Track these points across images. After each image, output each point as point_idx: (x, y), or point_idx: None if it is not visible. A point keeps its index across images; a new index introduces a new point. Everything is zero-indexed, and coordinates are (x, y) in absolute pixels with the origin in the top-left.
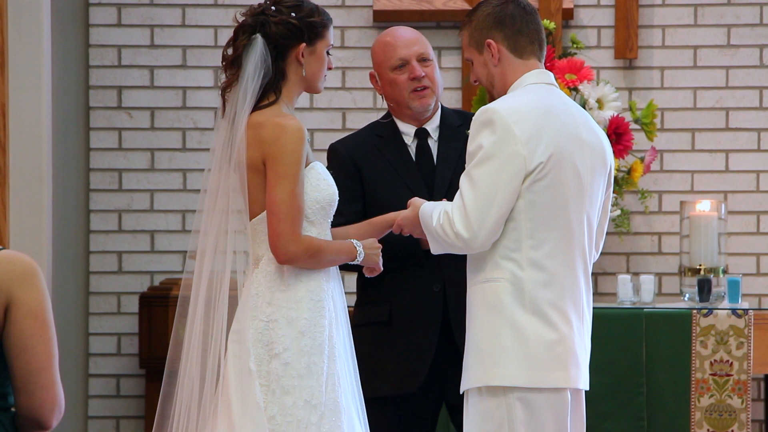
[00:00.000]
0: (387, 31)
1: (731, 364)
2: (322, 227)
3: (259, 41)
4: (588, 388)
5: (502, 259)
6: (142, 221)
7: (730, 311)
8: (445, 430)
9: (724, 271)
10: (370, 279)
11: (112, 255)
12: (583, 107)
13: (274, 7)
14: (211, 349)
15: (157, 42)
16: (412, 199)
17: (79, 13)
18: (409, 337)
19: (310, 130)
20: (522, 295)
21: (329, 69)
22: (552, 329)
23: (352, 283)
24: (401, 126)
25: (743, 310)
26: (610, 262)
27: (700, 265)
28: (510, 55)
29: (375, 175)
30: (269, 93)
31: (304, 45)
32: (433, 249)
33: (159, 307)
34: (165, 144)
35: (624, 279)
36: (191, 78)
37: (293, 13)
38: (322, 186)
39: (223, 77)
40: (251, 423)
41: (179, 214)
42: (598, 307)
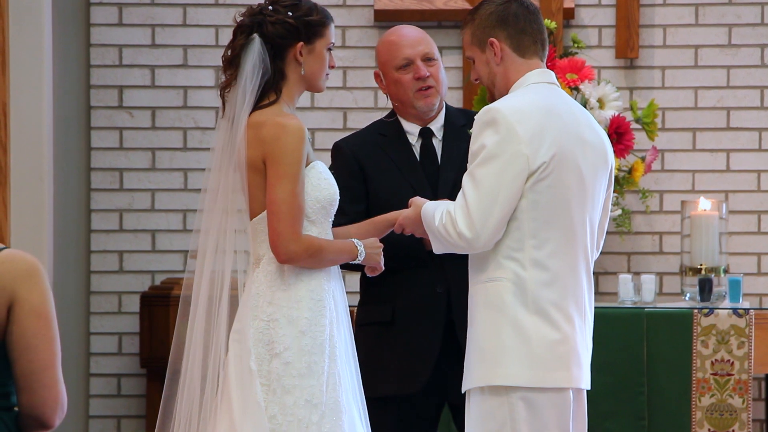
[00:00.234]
0: (392, 30)
1: (732, 363)
2: (322, 227)
3: (256, 41)
4: (589, 388)
5: (504, 259)
6: (143, 221)
7: (731, 311)
8: (447, 430)
9: (725, 271)
10: (374, 279)
11: (113, 254)
12: (584, 107)
13: (271, 7)
14: (212, 348)
15: (158, 41)
16: (414, 199)
17: (80, 12)
18: (412, 338)
19: (312, 129)
20: (524, 295)
21: (332, 67)
22: (554, 329)
23: (354, 282)
24: (406, 125)
25: (744, 309)
26: (611, 262)
27: (701, 264)
28: (512, 54)
29: (379, 174)
30: (269, 92)
31: (301, 44)
32: (436, 249)
33: (160, 307)
34: (166, 143)
35: (625, 278)
36: (192, 77)
37: (290, 13)
38: (322, 185)
39: (223, 77)
40: (252, 422)
41: (180, 214)
42: (599, 307)
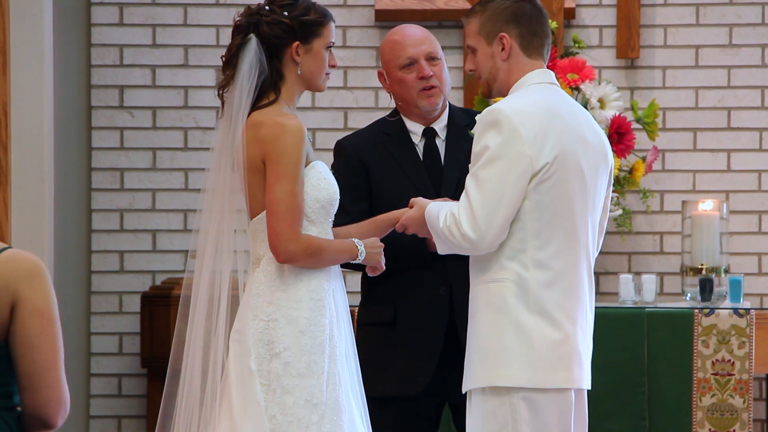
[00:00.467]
0: (395, 29)
1: (733, 363)
2: (322, 226)
3: (253, 41)
4: (590, 388)
5: (507, 260)
6: (144, 220)
7: (731, 311)
8: (448, 430)
9: (726, 271)
10: (376, 279)
11: (113, 254)
12: (585, 107)
13: (268, 7)
14: (212, 348)
15: (159, 41)
16: (416, 199)
17: (81, 12)
18: (413, 339)
19: (312, 129)
20: (527, 296)
21: (332, 67)
22: (556, 329)
23: (354, 282)
24: (409, 125)
25: (745, 309)
26: (611, 262)
27: (701, 264)
28: (520, 53)
29: (382, 173)
30: (268, 92)
31: (297, 44)
32: (440, 250)
33: (161, 307)
34: (167, 143)
35: (626, 278)
36: (193, 77)
37: (286, 12)
38: (322, 185)
39: (222, 77)
40: (252, 422)
41: (181, 214)
42: (600, 307)
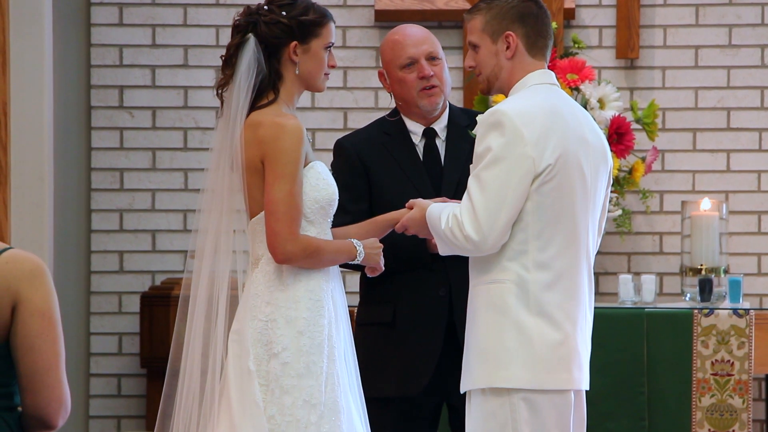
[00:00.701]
0: (396, 29)
1: (732, 364)
2: (321, 227)
3: (251, 41)
4: (588, 389)
5: (508, 261)
6: (144, 221)
7: (731, 311)
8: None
9: (726, 271)
10: (376, 279)
11: (113, 254)
12: (585, 107)
13: (266, 7)
14: (211, 348)
15: (159, 41)
16: (416, 200)
17: (81, 12)
18: (413, 340)
19: (312, 129)
20: (527, 297)
21: (332, 67)
22: (556, 330)
23: (353, 282)
24: (409, 125)
25: (744, 310)
26: (611, 262)
27: (701, 264)
28: (524, 53)
29: (381, 173)
30: (267, 92)
31: (295, 43)
32: (442, 251)
33: (160, 307)
34: (166, 143)
35: (625, 279)
36: (193, 77)
37: (284, 12)
38: (321, 186)
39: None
40: (251, 423)
41: (180, 214)
42: (600, 307)
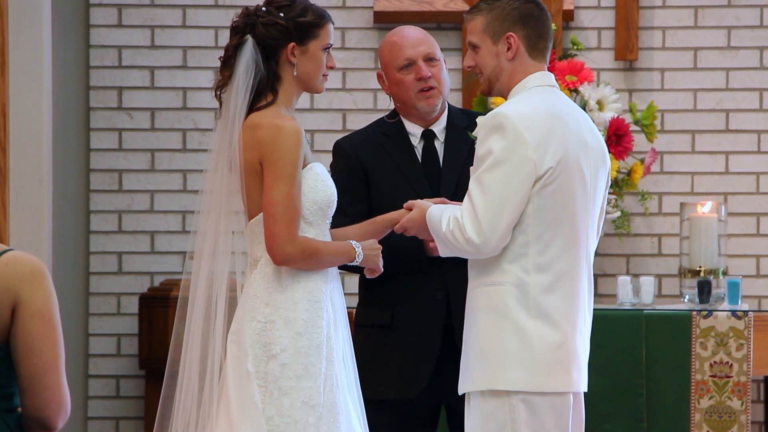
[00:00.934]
0: (394, 31)
1: (731, 365)
2: (320, 228)
3: (249, 42)
4: (587, 390)
5: (508, 263)
6: (142, 222)
7: (729, 313)
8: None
9: (724, 273)
10: (375, 281)
11: (112, 256)
12: (584, 109)
13: (264, 8)
14: (210, 350)
15: (158, 43)
16: (415, 201)
17: (80, 13)
18: (410, 343)
19: (311, 131)
20: (527, 299)
21: (330, 68)
22: (556, 333)
23: (352, 284)
24: (408, 126)
25: (743, 311)
26: (610, 264)
27: (700, 266)
28: (525, 55)
29: (380, 174)
30: (265, 93)
31: (293, 45)
32: (442, 252)
33: (159, 308)
34: (165, 145)
35: (624, 280)
36: (191, 79)
37: (282, 14)
38: (320, 187)
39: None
40: (249, 424)
41: (179, 215)
42: (598, 309)
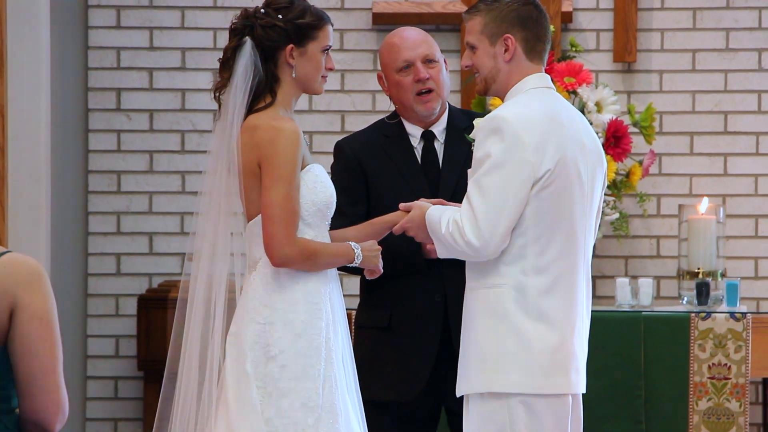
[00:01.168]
0: (394, 32)
1: (729, 367)
2: (319, 229)
3: (247, 44)
4: (585, 392)
5: (506, 266)
6: (141, 223)
7: (728, 315)
8: None
9: (723, 275)
10: (374, 282)
11: (110, 257)
12: (582, 110)
13: (263, 10)
14: (209, 351)
15: (156, 44)
16: (412, 203)
17: (78, 15)
18: (408, 345)
19: (309, 132)
20: (525, 301)
21: (329, 70)
22: (554, 335)
23: (352, 285)
24: (408, 127)
25: (741, 313)
26: (608, 266)
27: (698, 268)
28: (523, 57)
29: (380, 175)
30: (264, 95)
31: (292, 47)
32: (441, 254)
33: (157, 309)
34: (164, 146)
35: (622, 282)
36: (190, 80)
37: (280, 15)
38: (318, 188)
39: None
40: (248, 425)
41: (178, 216)
42: (597, 311)
